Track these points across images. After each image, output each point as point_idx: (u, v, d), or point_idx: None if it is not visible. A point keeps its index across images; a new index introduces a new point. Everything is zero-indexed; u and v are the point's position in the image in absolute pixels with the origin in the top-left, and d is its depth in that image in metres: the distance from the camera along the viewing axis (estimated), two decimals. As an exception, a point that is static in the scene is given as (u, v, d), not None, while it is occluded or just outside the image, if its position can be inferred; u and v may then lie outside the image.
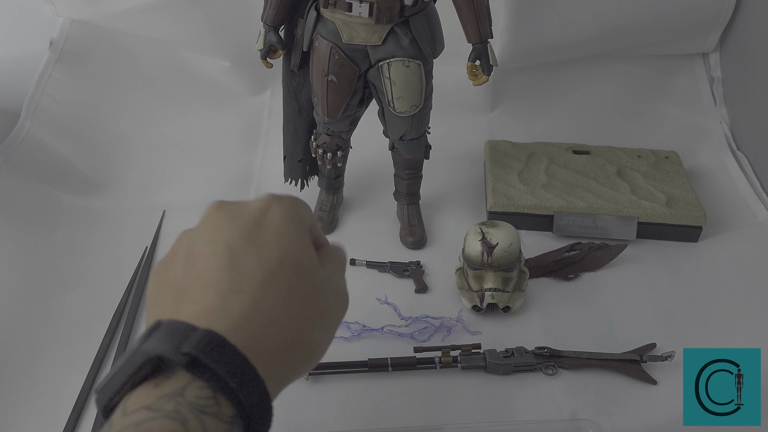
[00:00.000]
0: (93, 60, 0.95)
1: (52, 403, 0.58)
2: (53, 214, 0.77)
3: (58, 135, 0.86)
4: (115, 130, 0.91)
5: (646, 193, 0.79)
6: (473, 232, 0.67)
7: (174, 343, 0.28)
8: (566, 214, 0.77)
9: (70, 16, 0.95)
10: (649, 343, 0.63)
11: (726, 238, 0.78)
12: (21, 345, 0.62)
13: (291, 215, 0.36)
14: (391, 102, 0.66)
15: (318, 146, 0.74)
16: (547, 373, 0.61)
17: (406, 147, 0.72)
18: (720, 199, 0.84)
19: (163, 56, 0.97)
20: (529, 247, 0.74)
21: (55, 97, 0.90)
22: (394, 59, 0.63)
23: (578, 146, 0.88)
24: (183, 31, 0.95)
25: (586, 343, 0.64)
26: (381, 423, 0.55)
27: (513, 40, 0.91)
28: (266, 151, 0.91)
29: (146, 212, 0.80)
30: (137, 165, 0.87)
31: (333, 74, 0.65)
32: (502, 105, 0.99)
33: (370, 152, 0.81)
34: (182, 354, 0.28)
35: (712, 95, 0.98)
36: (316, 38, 0.65)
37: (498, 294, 0.65)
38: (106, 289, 0.69)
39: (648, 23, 0.92)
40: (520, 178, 0.82)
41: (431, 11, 0.64)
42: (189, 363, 0.28)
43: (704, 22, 0.93)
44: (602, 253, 0.74)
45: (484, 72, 0.65)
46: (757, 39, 0.88)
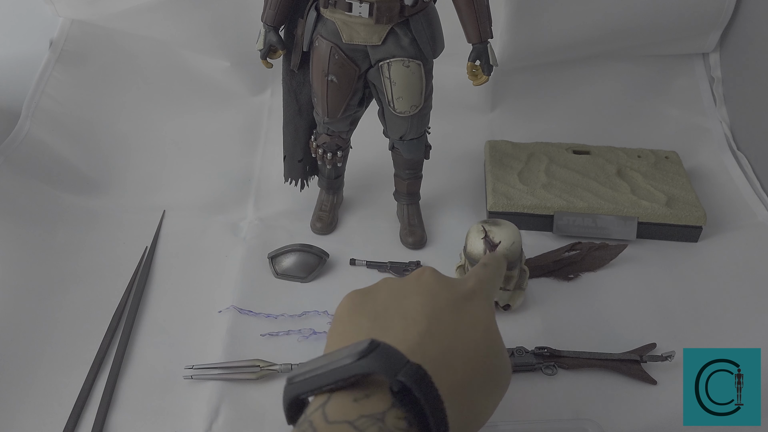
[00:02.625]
0: (93, 60, 0.95)
1: (52, 403, 0.58)
2: (53, 214, 0.77)
3: (58, 135, 0.86)
4: (115, 130, 0.91)
5: (646, 193, 0.79)
6: (476, 230, 0.67)
7: (393, 368, 0.30)
8: (566, 214, 0.77)
9: (70, 16, 0.95)
10: (649, 343, 0.63)
11: (726, 238, 0.78)
12: (21, 345, 0.62)
13: (490, 301, 0.41)
14: (391, 102, 0.66)
15: (318, 146, 0.74)
16: (547, 373, 0.61)
17: (406, 147, 0.72)
18: (720, 199, 0.84)
19: (163, 56, 0.97)
20: (529, 247, 0.74)
21: (55, 97, 0.90)
22: (394, 59, 0.63)
23: (578, 146, 0.88)
24: (183, 31, 0.95)
25: (586, 343, 0.64)
26: (381, 423, 0.55)
27: (513, 40, 0.91)
28: (266, 151, 0.91)
29: (146, 212, 0.80)
30: (137, 165, 0.87)
31: (333, 74, 0.65)
32: (502, 105, 0.99)
33: (370, 152, 0.81)
34: (398, 380, 0.30)
35: (712, 95, 0.98)
36: (316, 38, 0.65)
37: (499, 292, 0.65)
38: (106, 289, 0.69)
39: (648, 23, 0.92)
40: (520, 178, 0.82)
41: (431, 11, 0.64)
42: (399, 390, 0.30)
43: (704, 22, 0.93)
44: (602, 253, 0.74)
45: (484, 72, 0.65)
46: (757, 39, 0.88)
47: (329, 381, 0.31)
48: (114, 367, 0.61)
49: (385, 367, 0.31)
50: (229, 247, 0.76)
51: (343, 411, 0.30)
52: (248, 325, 0.66)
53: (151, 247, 0.75)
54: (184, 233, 0.77)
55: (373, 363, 0.31)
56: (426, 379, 0.31)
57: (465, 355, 0.36)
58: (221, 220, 0.80)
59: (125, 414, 0.57)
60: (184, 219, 0.80)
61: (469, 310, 0.39)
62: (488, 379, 0.37)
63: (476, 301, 0.40)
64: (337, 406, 0.30)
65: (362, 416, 0.30)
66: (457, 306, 0.38)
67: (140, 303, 0.68)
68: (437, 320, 0.37)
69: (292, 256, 0.72)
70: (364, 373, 0.31)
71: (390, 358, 0.31)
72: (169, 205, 0.81)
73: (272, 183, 0.85)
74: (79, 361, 0.61)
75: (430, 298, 0.38)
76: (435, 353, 0.35)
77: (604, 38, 0.93)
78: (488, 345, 0.38)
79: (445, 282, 0.40)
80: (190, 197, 0.83)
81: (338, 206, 0.81)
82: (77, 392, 0.58)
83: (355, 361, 0.31)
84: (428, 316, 0.37)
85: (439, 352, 0.35)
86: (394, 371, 0.30)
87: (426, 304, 0.38)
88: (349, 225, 0.80)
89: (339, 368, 0.31)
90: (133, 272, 0.71)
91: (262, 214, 0.81)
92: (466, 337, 0.37)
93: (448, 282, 0.41)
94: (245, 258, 0.74)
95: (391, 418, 0.30)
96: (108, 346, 0.63)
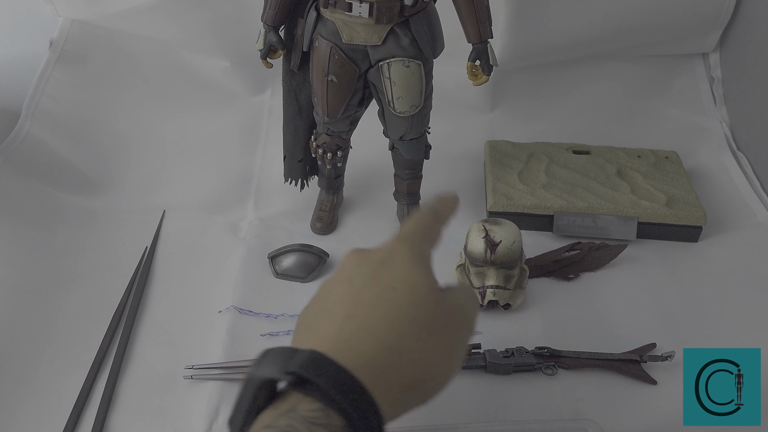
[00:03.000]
0: (93, 60, 0.95)
1: (52, 403, 0.58)
2: (53, 214, 0.77)
3: (58, 135, 0.86)
4: (115, 130, 0.91)
5: (646, 193, 0.79)
6: (476, 229, 0.67)
7: (279, 365, 0.31)
8: (566, 214, 0.77)
9: (70, 16, 0.95)
10: (649, 343, 0.63)
11: (726, 238, 0.78)
12: (21, 345, 0.62)
13: (414, 252, 0.38)
14: (391, 102, 0.66)
15: (318, 146, 0.74)
16: (547, 373, 0.61)
17: (406, 147, 0.72)
18: (720, 199, 0.84)
19: (163, 56, 0.97)
20: (529, 246, 0.74)
21: (55, 97, 0.90)
22: (394, 59, 0.63)
23: (578, 146, 0.88)
24: (183, 31, 0.95)
25: (586, 343, 0.64)
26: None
27: (513, 40, 0.91)
28: (266, 151, 0.91)
29: (146, 212, 0.80)
30: (137, 165, 0.87)
31: (333, 74, 0.65)
32: (502, 105, 0.99)
33: (370, 152, 0.81)
34: (287, 374, 0.31)
35: (712, 95, 0.98)
36: (316, 38, 0.65)
37: (500, 291, 0.65)
38: (106, 289, 0.69)
39: (648, 23, 0.92)
40: (520, 178, 0.82)
41: (431, 11, 0.64)
42: (296, 381, 0.31)
43: (704, 22, 0.93)
44: (602, 253, 0.74)
45: (484, 72, 0.65)
46: (757, 39, 0.88)
47: (247, 405, 0.31)
48: (114, 367, 0.61)
49: (272, 367, 0.31)
50: (229, 247, 0.76)
51: (262, 421, 0.30)
52: (248, 325, 0.66)
53: (151, 247, 0.75)
54: (184, 233, 0.77)
55: (263, 369, 0.31)
56: (319, 360, 0.31)
57: (387, 319, 0.35)
58: (221, 220, 0.80)
59: (125, 414, 0.57)
60: (184, 219, 0.80)
61: (387, 273, 0.37)
62: (428, 331, 0.36)
63: (396, 260, 0.38)
64: (259, 421, 0.31)
65: (277, 416, 0.30)
66: (375, 276, 0.37)
67: (140, 303, 0.68)
68: (355, 301, 0.36)
69: (292, 256, 0.72)
70: (265, 381, 0.31)
71: (276, 356, 0.32)
72: (169, 205, 0.81)
73: (272, 183, 0.85)
74: (79, 361, 0.61)
75: (348, 283, 0.38)
76: (352, 332, 0.34)
77: (604, 38, 0.93)
78: (413, 299, 0.36)
79: (362, 258, 0.39)
80: (190, 197, 0.83)
81: (338, 206, 0.81)
82: (77, 392, 0.58)
83: (250, 376, 0.31)
84: (346, 302, 0.36)
85: (356, 329, 0.34)
86: (281, 367, 0.31)
87: (345, 291, 0.37)
88: (349, 225, 0.80)
89: (244, 390, 0.32)
90: (133, 272, 0.71)
91: (262, 214, 0.81)
92: (387, 301, 0.36)
93: (365, 256, 0.39)
94: (245, 258, 0.74)
95: (304, 405, 0.30)
96: (108, 346, 0.63)
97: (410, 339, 0.35)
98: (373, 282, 0.37)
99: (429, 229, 0.41)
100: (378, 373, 0.33)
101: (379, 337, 0.34)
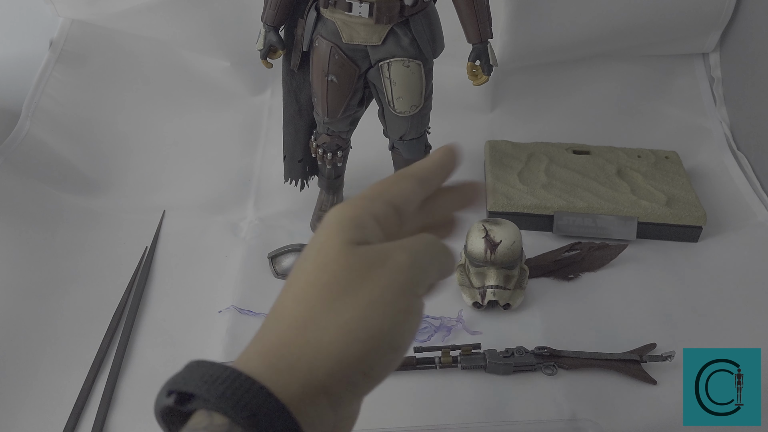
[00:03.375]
0: (93, 60, 0.95)
1: (52, 403, 0.58)
2: (53, 214, 0.77)
3: (58, 135, 0.86)
4: (115, 130, 0.91)
5: (646, 193, 0.79)
6: (476, 229, 0.67)
7: (168, 384, 0.28)
8: (566, 214, 0.77)
9: (70, 16, 0.95)
10: (649, 343, 0.63)
11: (726, 238, 0.78)
12: (21, 345, 0.62)
13: (344, 213, 0.31)
14: (391, 102, 0.66)
15: (318, 146, 0.74)
16: (547, 373, 0.61)
17: (406, 147, 0.72)
18: (720, 199, 0.84)
19: (163, 56, 0.97)
20: (529, 246, 0.74)
21: (55, 97, 0.90)
22: (394, 59, 0.63)
23: (578, 146, 0.88)
24: (183, 31, 0.95)
25: (586, 343, 0.64)
26: (381, 423, 0.55)
27: (513, 40, 0.91)
28: (266, 151, 0.91)
29: (146, 212, 0.80)
30: (137, 165, 0.87)
31: (333, 74, 0.65)
32: (502, 105, 0.99)
33: (370, 152, 0.81)
34: (170, 393, 0.27)
35: (712, 95, 0.98)
36: (316, 38, 0.65)
37: (500, 291, 0.65)
38: (106, 289, 0.69)
39: (648, 23, 0.92)
40: (520, 178, 0.82)
41: (431, 11, 0.64)
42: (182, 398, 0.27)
43: (704, 22, 0.93)
44: (602, 253, 0.74)
45: (484, 72, 0.65)
46: (757, 39, 0.88)
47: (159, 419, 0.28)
48: (114, 367, 0.61)
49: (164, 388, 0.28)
50: (229, 247, 0.76)
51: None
52: (248, 325, 0.66)
53: (151, 247, 0.75)
54: (184, 233, 0.77)
55: (161, 397, 0.28)
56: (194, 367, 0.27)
57: (293, 294, 0.29)
58: (221, 220, 0.80)
59: (125, 414, 0.57)
60: (184, 219, 0.80)
61: (309, 244, 0.31)
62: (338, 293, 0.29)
63: (322, 226, 0.31)
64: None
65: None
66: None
67: (140, 303, 0.68)
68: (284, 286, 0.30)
69: (292, 256, 0.72)
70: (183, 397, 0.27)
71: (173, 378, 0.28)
72: (169, 205, 0.81)
73: (272, 183, 0.85)
74: (79, 361, 0.61)
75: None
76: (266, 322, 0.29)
77: (604, 38, 0.93)
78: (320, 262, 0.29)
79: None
80: (190, 197, 0.83)
81: (338, 206, 0.81)
82: (77, 392, 0.58)
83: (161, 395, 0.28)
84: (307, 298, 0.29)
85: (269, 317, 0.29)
86: (168, 385, 0.28)
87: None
88: (349, 225, 0.80)
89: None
90: (133, 272, 0.71)
91: (262, 214, 0.81)
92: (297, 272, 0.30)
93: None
94: (245, 258, 0.74)
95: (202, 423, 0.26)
96: (108, 346, 0.63)
97: (319, 309, 0.28)
98: (299, 259, 0.31)
99: (389, 186, 0.34)
100: (280, 357, 0.27)
101: (284, 316, 0.29)
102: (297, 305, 0.29)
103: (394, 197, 0.33)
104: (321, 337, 0.27)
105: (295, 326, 0.28)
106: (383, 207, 0.32)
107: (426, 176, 0.35)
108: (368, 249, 0.30)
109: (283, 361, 0.27)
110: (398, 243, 0.31)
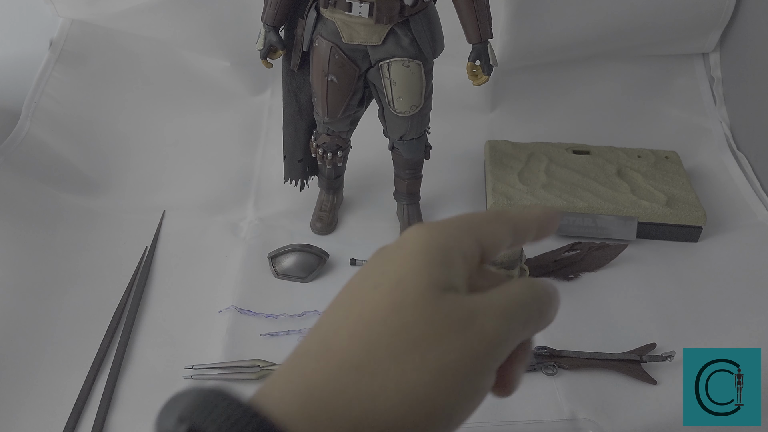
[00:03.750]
0: (93, 60, 0.95)
1: (52, 403, 0.58)
2: (53, 214, 0.77)
3: (58, 135, 0.86)
4: (115, 130, 0.91)
5: (646, 193, 0.79)
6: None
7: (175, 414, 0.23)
8: (566, 214, 0.77)
9: (70, 16, 0.95)
10: (649, 343, 0.63)
11: (726, 238, 0.78)
12: (21, 345, 0.62)
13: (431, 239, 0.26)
14: (391, 102, 0.66)
15: (318, 146, 0.74)
16: (547, 373, 0.61)
17: (406, 147, 0.72)
18: (720, 199, 0.84)
19: (163, 56, 0.97)
20: (529, 246, 0.74)
21: (55, 97, 0.90)
22: (394, 59, 0.63)
23: (578, 146, 0.88)
24: (183, 31, 0.95)
25: (586, 343, 0.64)
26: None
27: (513, 40, 0.91)
28: (266, 151, 0.91)
29: (146, 212, 0.80)
30: (137, 165, 0.87)
31: (333, 74, 0.65)
32: (502, 105, 0.99)
33: (370, 152, 0.81)
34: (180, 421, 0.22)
35: (712, 95, 0.98)
36: (316, 38, 0.65)
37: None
38: (106, 289, 0.69)
39: (648, 23, 0.92)
40: (520, 178, 0.82)
41: (431, 11, 0.64)
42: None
43: (704, 22, 0.93)
44: (602, 253, 0.74)
45: (484, 72, 0.65)
46: (757, 39, 0.88)
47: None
48: (114, 367, 0.61)
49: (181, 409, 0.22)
50: (229, 247, 0.76)
51: None
52: (248, 325, 0.66)
53: (151, 247, 0.75)
54: (184, 233, 0.77)
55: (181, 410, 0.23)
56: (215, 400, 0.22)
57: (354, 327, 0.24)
58: (221, 220, 0.80)
59: (125, 414, 0.57)
60: (184, 219, 0.80)
61: (381, 266, 0.26)
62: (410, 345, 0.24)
63: (401, 249, 0.26)
64: None
65: None
66: (368, 272, 0.26)
67: (140, 303, 0.68)
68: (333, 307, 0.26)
69: (292, 256, 0.72)
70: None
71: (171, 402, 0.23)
72: (169, 205, 0.81)
73: (272, 183, 0.85)
74: (79, 361, 0.61)
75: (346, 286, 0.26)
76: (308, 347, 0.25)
77: (604, 38, 0.93)
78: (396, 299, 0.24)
79: (377, 253, 0.27)
80: (190, 197, 0.83)
81: (338, 206, 0.81)
82: (77, 392, 0.58)
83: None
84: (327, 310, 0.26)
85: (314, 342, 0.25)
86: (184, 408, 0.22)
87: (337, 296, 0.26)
88: (349, 225, 0.80)
89: None
90: (133, 272, 0.71)
91: (262, 214, 0.81)
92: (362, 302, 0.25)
93: (382, 250, 0.27)
94: (245, 258, 0.74)
95: None
96: (108, 346, 0.63)
97: (381, 357, 0.23)
98: (362, 280, 0.26)
99: (484, 223, 0.28)
100: (324, 403, 0.23)
101: (335, 350, 0.24)
102: (354, 344, 0.24)
103: (485, 237, 0.28)
104: (376, 396, 0.23)
105: (347, 370, 0.23)
106: (472, 245, 0.27)
107: (522, 227, 0.30)
108: (454, 302, 0.25)
109: (324, 413, 0.23)
110: (490, 300, 0.26)
